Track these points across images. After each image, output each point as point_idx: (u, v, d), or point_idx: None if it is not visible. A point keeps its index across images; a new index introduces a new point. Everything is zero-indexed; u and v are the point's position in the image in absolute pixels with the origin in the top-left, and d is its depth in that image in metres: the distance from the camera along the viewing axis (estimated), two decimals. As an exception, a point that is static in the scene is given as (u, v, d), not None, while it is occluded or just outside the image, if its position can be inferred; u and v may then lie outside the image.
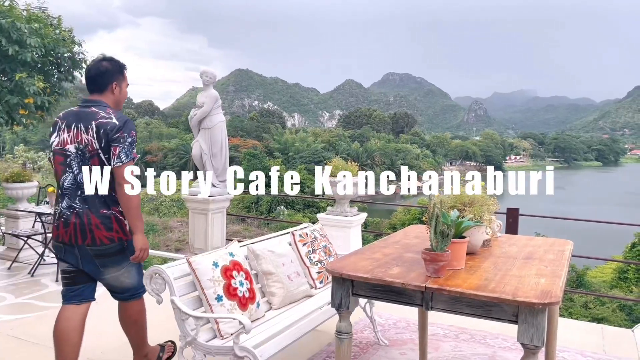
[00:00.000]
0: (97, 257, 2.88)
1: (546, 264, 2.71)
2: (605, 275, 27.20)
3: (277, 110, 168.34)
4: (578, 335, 4.35)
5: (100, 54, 3.11)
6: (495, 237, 3.34)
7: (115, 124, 2.80)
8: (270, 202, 38.01)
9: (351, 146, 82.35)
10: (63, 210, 2.88)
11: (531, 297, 2.12)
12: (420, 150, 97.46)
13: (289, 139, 76.40)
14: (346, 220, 5.31)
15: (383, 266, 2.59)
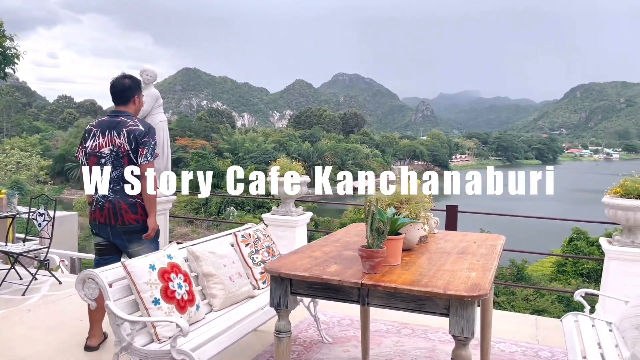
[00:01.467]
0: (124, 234, 3.64)
1: (478, 258, 2.81)
2: (545, 269, 28.50)
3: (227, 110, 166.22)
4: (514, 326, 4.54)
5: (122, 72, 3.83)
6: (433, 234, 3.43)
7: (142, 130, 3.59)
8: (219, 203, 37.47)
9: (302, 146, 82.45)
10: (99, 198, 3.64)
11: (461, 291, 2.19)
12: (370, 150, 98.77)
13: (239, 139, 75.65)
14: (291, 219, 5.31)
15: (321, 264, 2.61)
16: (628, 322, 2.90)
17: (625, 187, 4.21)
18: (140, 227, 3.65)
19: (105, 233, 3.67)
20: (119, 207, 3.58)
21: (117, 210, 3.59)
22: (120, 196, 3.59)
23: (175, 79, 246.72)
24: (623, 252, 4.20)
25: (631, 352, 2.72)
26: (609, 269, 4.29)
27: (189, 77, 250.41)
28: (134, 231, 3.64)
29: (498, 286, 18.31)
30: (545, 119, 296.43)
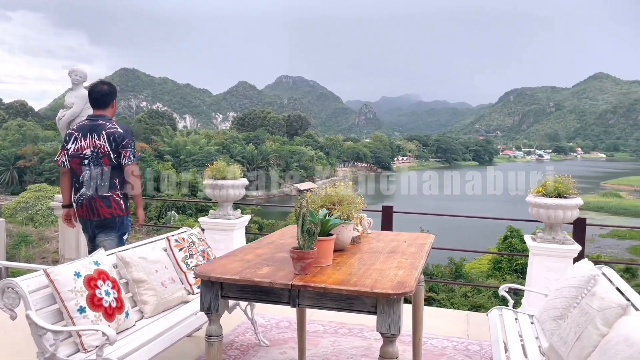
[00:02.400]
0: (97, 227, 3.97)
1: (407, 257, 2.90)
2: (482, 266, 29.65)
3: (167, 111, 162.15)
4: (446, 322, 4.70)
5: (99, 79, 4.17)
6: (366, 234, 3.50)
7: (122, 133, 3.91)
8: (160, 207, 36.47)
9: (246, 148, 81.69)
10: (80, 196, 3.95)
11: (388, 289, 2.26)
12: (315, 152, 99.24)
13: (180, 142, 73.97)
14: (229, 223, 5.26)
15: (253, 267, 2.61)
16: (547, 314, 3.07)
17: (546, 187, 4.46)
18: (113, 220, 3.98)
19: (86, 228, 4.05)
20: (94, 202, 3.92)
21: (93, 205, 3.92)
22: (96, 192, 3.93)
23: (112, 80, 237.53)
24: (545, 248, 4.44)
25: (549, 342, 2.89)
26: (533, 264, 4.53)
27: (127, 78, 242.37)
28: (106, 224, 3.97)
29: (438, 284, 18.87)
30: (482, 122, 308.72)
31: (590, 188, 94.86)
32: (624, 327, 2.21)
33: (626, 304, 2.39)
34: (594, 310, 2.51)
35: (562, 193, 4.40)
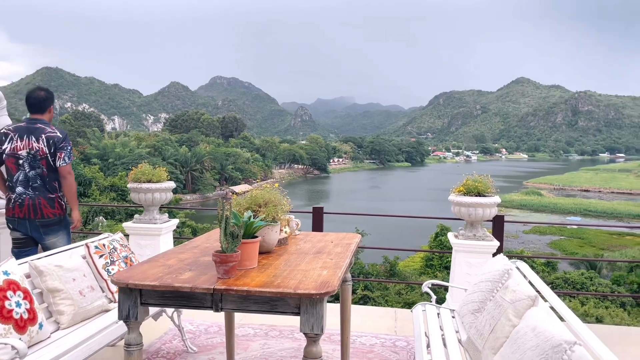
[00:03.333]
0: (42, 227, 4.05)
1: (332, 257, 2.93)
2: (415, 264, 30.56)
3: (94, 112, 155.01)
4: (375, 320, 4.80)
5: (36, 85, 4.50)
6: (294, 235, 3.51)
7: (60, 136, 4.07)
8: (86, 212, 34.83)
9: (179, 151, 79.59)
10: (18, 195, 4.01)
11: (311, 289, 2.27)
12: (251, 154, 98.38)
13: (109, 144, 70.89)
14: (155, 227, 5.10)
15: (175, 272, 2.54)
16: (466, 308, 3.21)
17: (467, 186, 4.66)
18: (57, 220, 4.11)
19: (24, 227, 4.05)
20: (38, 203, 4.01)
21: (37, 205, 4.01)
22: (39, 193, 4.02)
23: (34, 79, 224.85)
24: (466, 245, 4.64)
25: (467, 335, 3.02)
26: (456, 260, 4.72)
27: (50, 77, 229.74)
28: (51, 224, 4.08)
29: (372, 282, 19.23)
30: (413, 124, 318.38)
31: (514, 187, 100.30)
32: (531, 318, 2.35)
33: (535, 296, 2.54)
34: (506, 303, 2.65)
35: (482, 192, 4.61)
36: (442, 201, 4.06)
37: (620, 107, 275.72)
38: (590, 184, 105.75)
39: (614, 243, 48.76)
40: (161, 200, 5.12)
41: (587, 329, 2.31)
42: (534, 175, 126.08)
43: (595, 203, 78.85)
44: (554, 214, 72.54)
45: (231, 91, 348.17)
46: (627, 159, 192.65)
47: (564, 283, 28.41)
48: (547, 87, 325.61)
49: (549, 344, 2.04)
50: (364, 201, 75.97)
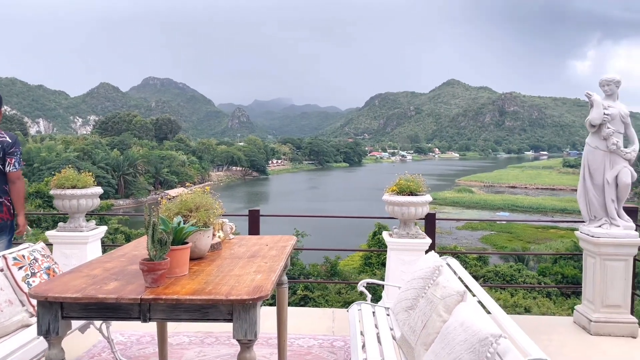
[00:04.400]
0: None
1: (267, 260, 2.90)
2: (355, 263, 30.96)
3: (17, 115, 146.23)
4: (313, 321, 4.80)
5: None
6: (228, 240, 3.44)
7: (10, 141, 4.04)
8: (9, 221, 32.66)
9: (110, 154, 76.48)
10: None
11: (243, 295, 2.23)
12: (187, 157, 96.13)
13: (33, 148, 67.02)
14: (81, 236, 4.85)
15: (99, 282, 2.42)
16: (400, 305, 3.26)
17: (400, 186, 4.76)
18: (5, 224, 4.09)
19: None
20: None
21: None
22: None
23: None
24: (400, 243, 4.73)
25: (401, 332, 3.08)
26: (391, 258, 4.81)
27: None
28: None
29: (313, 283, 19.29)
30: (351, 125, 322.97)
31: (447, 185, 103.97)
32: (460, 313, 2.42)
33: (463, 291, 2.62)
34: (437, 299, 2.72)
35: (414, 191, 4.72)
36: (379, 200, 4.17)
37: (543, 107, 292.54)
38: (517, 180, 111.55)
39: (539, 236, 51.60)
40: (87, 206, 4.88)
41: (512, 322, 2.40)
42: (465, 173, 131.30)
43: (522, 199, 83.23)
44: (484, 210, 75.82)
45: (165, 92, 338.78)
46: (550, 157, 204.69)
47: (494, 276, 29.74)
48: (476, 88, 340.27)
49: (476, 337, 2.11)
50: (304, 202, 76.19)
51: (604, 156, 4.59)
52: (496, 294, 23.38)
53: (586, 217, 4.77)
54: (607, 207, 4.61)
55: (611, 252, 4.52)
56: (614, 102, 4.63)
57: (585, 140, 4.80)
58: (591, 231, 4.63)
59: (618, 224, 4.58)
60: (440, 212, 71.73)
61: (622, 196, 4.62)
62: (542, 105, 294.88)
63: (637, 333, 4.50)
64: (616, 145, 4.53)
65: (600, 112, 4.55)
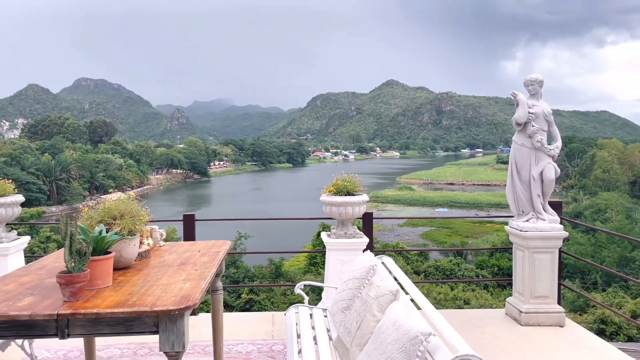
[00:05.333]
0: None
1: (198, 267, 2.80)
2: (300, 263, 30.96)
3: None
4: (253, 325, 4.71)
5: None
6: (158, 247, 3.31)
7: None
8: None
9: (41, 159, 72.61)
10: None
11: (169, 305, 2.13)
12: (124, 160, 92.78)
13: (-46, 154, 62.60)
14: (1, 247, 4.54)
15: (12, 298, 2.25)
16: (336, 306, 3.25)
17: (337, 186, 4.76)
18: None
19: None
20: None
21: None
22: None
23: None
24: (338, 243, 4.74)
25: (337, 333, 3.06)
26: (329, 259, 4.80)
27: None
28: None
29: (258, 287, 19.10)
30: (293, 126, 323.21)
31: (388, 183, 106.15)
32: (393, 312, 2.43)
33: (396, 290, 2.63)
34: (371, 299, 2.72)
35: (351, 191, 4.74)
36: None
37: (478, 106, 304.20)
38: (454, 177, 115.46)
39: (476, 231, 53.60)
40: (7, 216, 4.57)
41: (443, 319, 2.43)
42: (405, 171, 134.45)
43: (459, 195, 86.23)
44: (425, 206, 77.90)
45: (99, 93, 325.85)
46: (485, 154, 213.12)
47: (435, 271, 30.60)
48: (414, 88, 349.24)
49: (407, 336, 2.12)
50: (247, 203, 75.40)
51: (529, 153, 4.79)
52: (437, 289, 24.07)
53: (515, 212, 4.96)
54: (533, 202, 4.81)
55: (538, 245, 4.72)
56: (538, 101, 4.84)
57: (513, 138, 4.99)
58: (519, 225, 4.81)
59: (544, 218, 4.78)
60: (382, 210, 73.20)
61: (547, 191, 4.84)
62: (477, 105, 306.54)
63: (564, 322, 4.72)
64: (540, 143, 4.74)
65: (525, 111, 4.74)
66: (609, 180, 59.06)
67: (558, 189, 78.75)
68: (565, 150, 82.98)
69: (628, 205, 46.67)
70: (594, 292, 25.90)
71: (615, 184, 58.05)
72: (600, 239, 34.00)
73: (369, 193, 46.62)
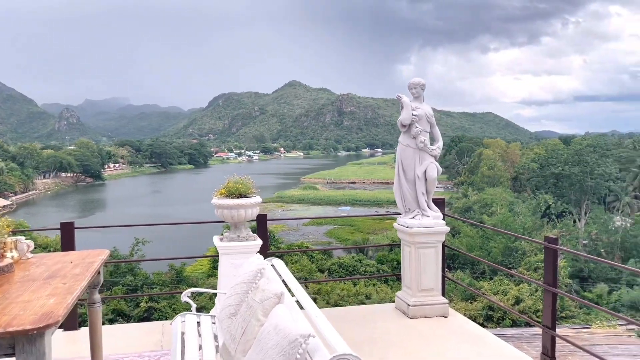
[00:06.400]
0: None
1: (67, 280, 2.59)
2: (203, 267, 30.14)
3: None
4: (140, 337, 4.48)
5: None
6: (24, 259, 3.02)
7: None
8: None
9: None
10: None
11: (26, 324, 1.95)
12: (5, 164, 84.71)
13: None
14: None
15: None
16: (224, 312, 3.17)
17: (229, 188, 4.67)
18: None
19: None
20: None
21: None
22: None
23: None
24: (231, 247, 4.65)
25: (223, 341, 2.99)
26: (222, 263, 4.70)
27: None
28: None
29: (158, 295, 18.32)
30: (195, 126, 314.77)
31: (293, 183, 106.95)
32: (275, 315, 2.41)
33: (281, 293, 2.62)
34: (256, 303, 2.68)
35: (243, 193, 4.66)
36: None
37: (377, 107, 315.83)
38: (356, 176, 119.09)
39: (377, 227, 55.60)
40: None
41: (325, 319, 2.45)
42: (309, 171, 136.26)
43: (361, 193, 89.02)
44: (329, 205, 79.41)
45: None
46: (384, 153, 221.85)
47: (339, 268, 31.31)
48: (316, 89, 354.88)
49: (287, 340, 2.11)
50: (146, 207, 72.12)
51: (414, 153, 5.02)
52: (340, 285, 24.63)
53: (402, 209, 5.18)
54: (418, 200, 5.05)
55: (423, 240, 4.97)
56: (421, 104, 5.09)
57: (399, 139, 5.20)
58: (406, 222, 5.03)
59: (428, 215, 5.04)
60: (287, 210, 73.46)
61: (430, 189, 5.10)
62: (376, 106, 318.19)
63: (448, 312, 5.01)
64: (424, 143, 4.98)
65: (409, 113, 4.96)
66: (494, 176, 63.88)
67: (450, 186, 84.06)
68: (455, 149, 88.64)
69: (510, 200, 50.74)
70: (483, 280, 27.92)
71: (499, 180, 62.89)
72: (487, 231, 36.68)
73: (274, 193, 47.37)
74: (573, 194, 56.69)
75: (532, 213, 44.43)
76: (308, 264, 30.53)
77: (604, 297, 29.37)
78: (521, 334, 5.36)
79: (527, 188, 62.79)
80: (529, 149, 77.16)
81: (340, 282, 25.53)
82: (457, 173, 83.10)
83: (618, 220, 42.70)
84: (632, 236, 37.23)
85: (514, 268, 30.46)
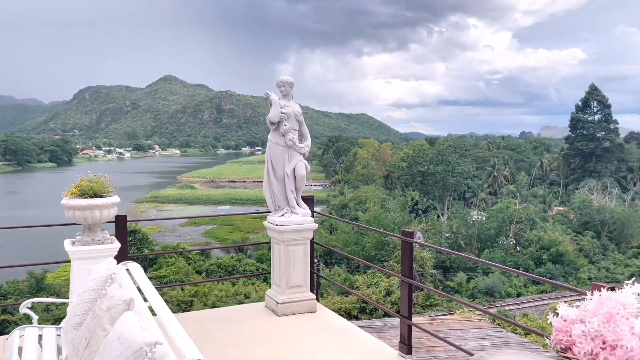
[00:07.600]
0: None
1: None
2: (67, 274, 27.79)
3: None
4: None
5: None
6: None
7: None
8: None
9: None
10: None
11: None
12: None
13: None
14: None
15: None
16: (69, 323, 2.89)
17: (82, 187, 4.29)
18: None
19: None
20: None
21: None
22: None
23: None
24: (84, 251, 4.27)
25: (66, 354, 2.71)
26: (74, 269, 4.30)
27: None
28: None
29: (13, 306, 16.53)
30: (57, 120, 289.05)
31: (169, 182, 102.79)
32: (121, 324, 2.23)
33: (130, 299, 2.44)
34: (103, 312, 2.47)
35: (98, 192, 4.32)
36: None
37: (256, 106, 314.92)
38: (236, 175, 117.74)
39: (257, 226, 55.45)
40: None
41: (177, 325, 2.32)
42: (186, 170, 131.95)
43: (240, 192, 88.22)
44: (207, 204, 77.58)
45: None
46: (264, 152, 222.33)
47: (217, 268, 30.72)
48: (193, 85, 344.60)
49: (131, 349, 1.95)
50: (0, 210, 64.70)
51: (283, 151, 5.03)
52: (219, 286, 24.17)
53: (272, 207, 5.16)
54: (288, 198, 5.07)
55: (292, 237, 4.99)
56: (290, 102, 5.10)
57: (268, 137, 5.18)
58: (276, 220, 5.02)
59: (297, 212, 5.08)
60: (162, 211, 70.32)
61: (299, 187, 5.14)
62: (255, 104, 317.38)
63: (316, 308, 5.09)
64: (292, 141, 5.01)
65: (277, 111, 4.95)
66: (368, 175, 67.07)
67: (328, 184, 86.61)
68: (333, 149, 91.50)
69: (383, 197, 53.61)
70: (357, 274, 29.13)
71: (373, 178, 66.17)
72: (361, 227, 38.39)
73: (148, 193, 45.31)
74: (437, 190, 61.53)
75: (401, 209, 47.33)
76: (185, 265, 29.57)
77: (464, 285, 32.26)
78: (385, 324, 5.63)
79: (397, 186, 66.84)
80: (399, 149, 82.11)
81: (219, 283, 25.10)
82: (335, 172, 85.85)
83: (475, 214, 47.12)
84: (487, 229, 41.35)
85: (385, 261, 32.22)
